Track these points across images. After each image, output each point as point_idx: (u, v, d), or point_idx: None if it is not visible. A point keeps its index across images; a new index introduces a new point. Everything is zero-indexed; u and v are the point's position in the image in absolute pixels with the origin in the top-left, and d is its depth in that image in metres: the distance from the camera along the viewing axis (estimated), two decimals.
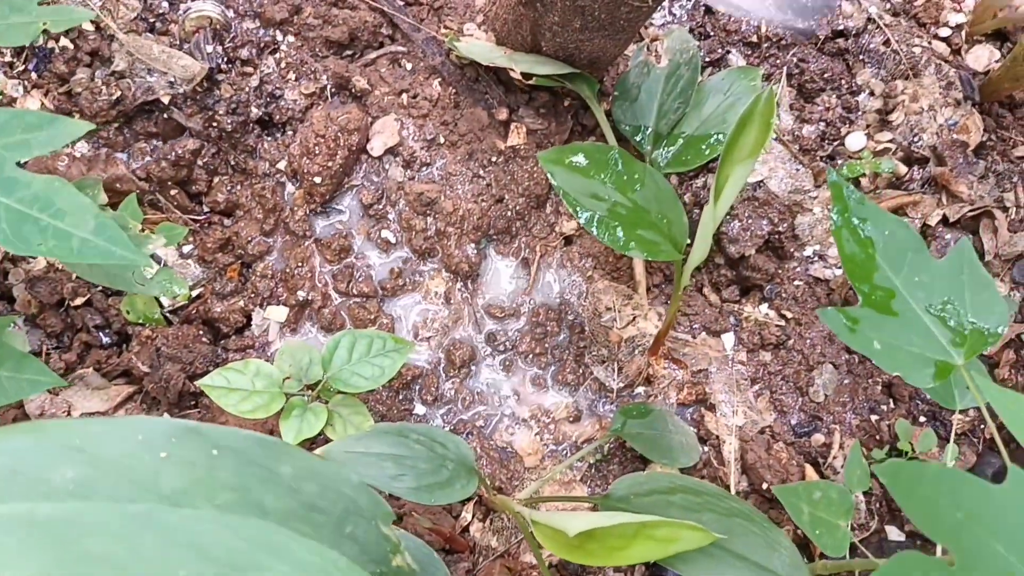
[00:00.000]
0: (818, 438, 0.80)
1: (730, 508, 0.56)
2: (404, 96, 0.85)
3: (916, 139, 0.89)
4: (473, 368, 0.81)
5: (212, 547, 0.31)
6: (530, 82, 0.81)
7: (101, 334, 0.79)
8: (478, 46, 0.84)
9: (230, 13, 0.84)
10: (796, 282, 0.85)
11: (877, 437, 0.80)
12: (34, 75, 0.82)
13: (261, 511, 0.36)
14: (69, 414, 0.75)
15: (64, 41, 0.81)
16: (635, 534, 0.53)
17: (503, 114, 0.85)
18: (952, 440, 0.74)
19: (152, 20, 0.84)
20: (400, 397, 0.79)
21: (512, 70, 0.80)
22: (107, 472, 0.34)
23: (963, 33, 0.95)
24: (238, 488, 0.37)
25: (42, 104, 0.82)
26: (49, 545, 0.27)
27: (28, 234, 0.43)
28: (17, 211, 0.43)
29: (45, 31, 0.51)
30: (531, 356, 0.82)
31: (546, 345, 0.82)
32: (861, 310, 0.48)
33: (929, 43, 0.94)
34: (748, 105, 0.64)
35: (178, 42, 0.83)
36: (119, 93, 0.80)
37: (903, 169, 0.89)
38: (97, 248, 0.43)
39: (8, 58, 0.82)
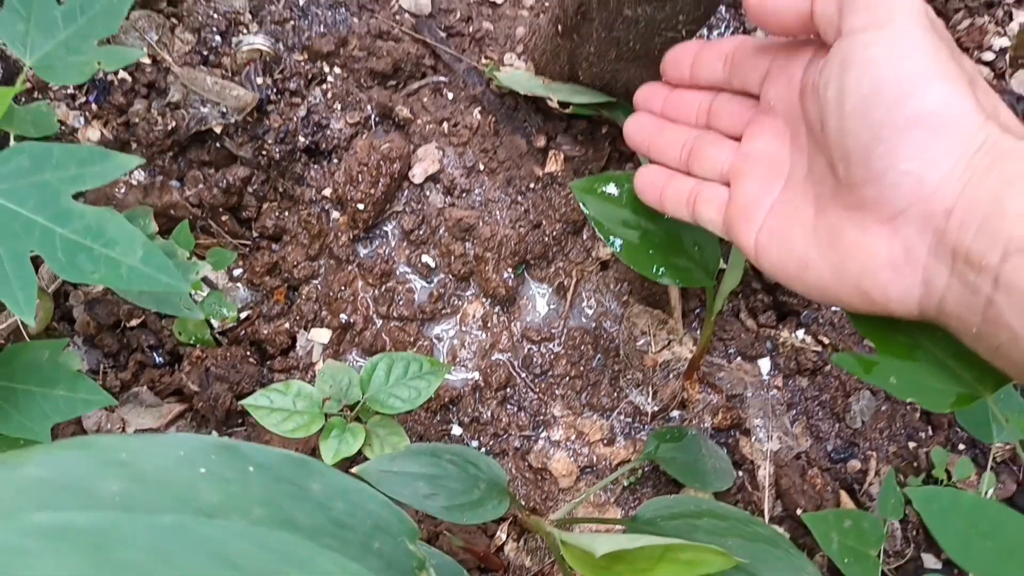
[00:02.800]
0: (854, 464, 0.80)
1: (756, 533, 0.57)
2: (445, 124, 0.87)
3: None
4: (510, 390, 0.83)
5: (241, 558, 0.33)
6: (567, 111, 0.83)
7: (155, 354, 0.82)
8: (517, 76, 0.86)
9: (280, 46, 0.88)
10: (833, 308, 0.85)
11: (914, 464, 0.80)
12: (94, 106, 0.86)
13: (292, 526, 0.38)
14: (124, 430, 0.79)
15: (123, 74, 0.85)
16: (660, 556, 0.54)
17: (541, 141, 0.87)
18: (990, 468, 0.73)
19: (206, 53, 0.88)
20: (437, 418, 0.81)
21: (550, 99, 0.82)
22: (149, 485, 0.36)
23: (1007, 57, 0.95)
24: (270, 504, 0.39)
25: (101, 134, 0.86)
26: (85, 553, 0.29)
27: (81, 263, 0.46)
28: (72, 241, 0.46)
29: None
30: (567, 379, 0.83)
31: (582, 368, 0.83)
32: (879, 357, 0.47)
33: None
34: None
35: (230, 74, 0.87)
36: (174, 123, 0.84)
37: None
38: (144, 275, 0.46)
39: (70, 90, 0.87)
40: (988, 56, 0.95)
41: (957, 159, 0.37)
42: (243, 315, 0.84)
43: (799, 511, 0.76)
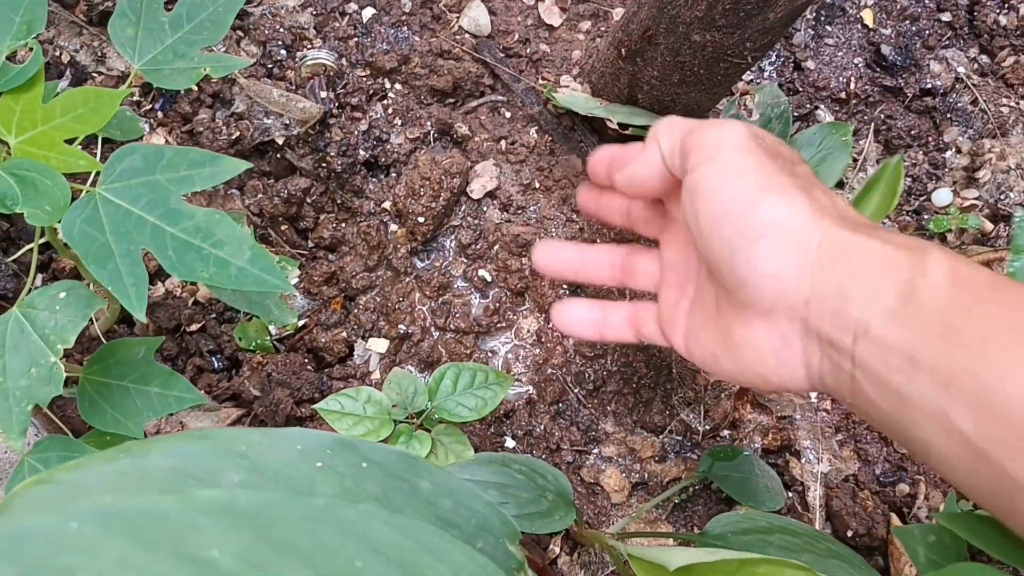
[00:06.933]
0: (903, 488, 0.81)
1: (828, 550, 0.57)
2: (503, 143, 0.89)
3: (1003, 197, 0.90)
4: (562, 405, 0.84)
5: (383, 543, 0.34)
6: (626, 132, 0.84)
7: (214, 359, 0.83)
8: (575, 97, 0.88)
9: (343, 62, 0.90)
10: None
11: None
12: (160, 114, 0.88)
13: None
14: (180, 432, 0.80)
15: None
16: (736, 571, 0.55)
17: None
18: None
19: (270, 66, 0.89)
20: (491, 430, 0.82)
21: (609, 121, 0.84)
22: (269, 478, 0.38)
23: None
24: (383, 499, 0.40)
25: (166, 141, 0.88)
26: (247, 531, 0.30)
27: (192, 262, 0.47)
28: (182, 240, 0.48)
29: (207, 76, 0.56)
30: (619, 396, 0.84)
31: (634, 386, 0.84)
32: None
33: (1017, 103, 0.96)
34: (875, 172, 0.66)
35: (293, 87, 0.89)
36: (238, 133, 0.86)
37: (989, 226, 0.90)
38: (252, 276, 0.47)
39: (136, 96, 0.88)
40: None
41: (803, 258, 0.42)
42: (301, 323, 0.85)
43: (849, 533, 0.77)
